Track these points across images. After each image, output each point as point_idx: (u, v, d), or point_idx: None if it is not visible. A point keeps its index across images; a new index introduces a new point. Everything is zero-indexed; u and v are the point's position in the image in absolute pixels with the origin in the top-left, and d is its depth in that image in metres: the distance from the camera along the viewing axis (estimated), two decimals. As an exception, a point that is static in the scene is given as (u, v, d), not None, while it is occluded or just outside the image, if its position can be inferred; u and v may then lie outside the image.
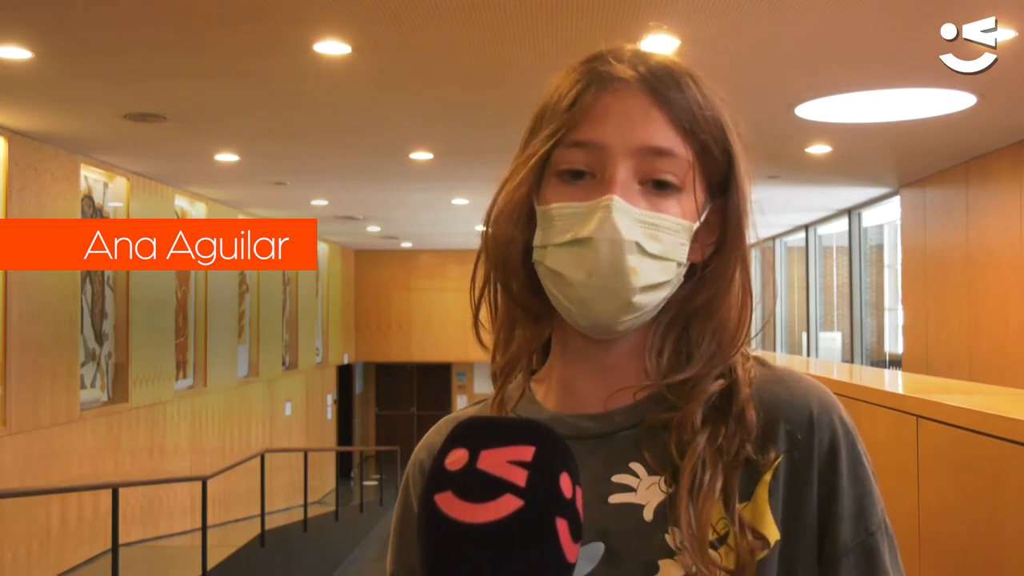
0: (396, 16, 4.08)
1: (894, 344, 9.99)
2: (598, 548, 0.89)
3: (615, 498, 0.90)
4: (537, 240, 0.92)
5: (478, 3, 3.93)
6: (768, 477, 0.89)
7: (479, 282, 0.99)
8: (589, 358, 0.95)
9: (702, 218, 0.93)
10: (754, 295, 0.95)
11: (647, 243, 0.88)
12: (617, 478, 0.91)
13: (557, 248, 0.89)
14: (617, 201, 0.87)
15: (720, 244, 0.94)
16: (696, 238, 0.92)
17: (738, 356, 0.94)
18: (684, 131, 0.90)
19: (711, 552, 0.85)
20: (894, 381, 3.19)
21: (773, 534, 0.88)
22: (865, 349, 10.19)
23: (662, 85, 0.90)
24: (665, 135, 0.89)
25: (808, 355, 11.47)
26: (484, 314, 1.01)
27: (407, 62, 4.83)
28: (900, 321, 9.22)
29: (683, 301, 0.94)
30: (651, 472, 0.90)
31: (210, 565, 6.95)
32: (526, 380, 0.99)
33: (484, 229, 0.95)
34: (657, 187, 0.89)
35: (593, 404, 0.95)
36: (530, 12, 4.04)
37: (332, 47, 4.50)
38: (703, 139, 0.91)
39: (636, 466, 0.91)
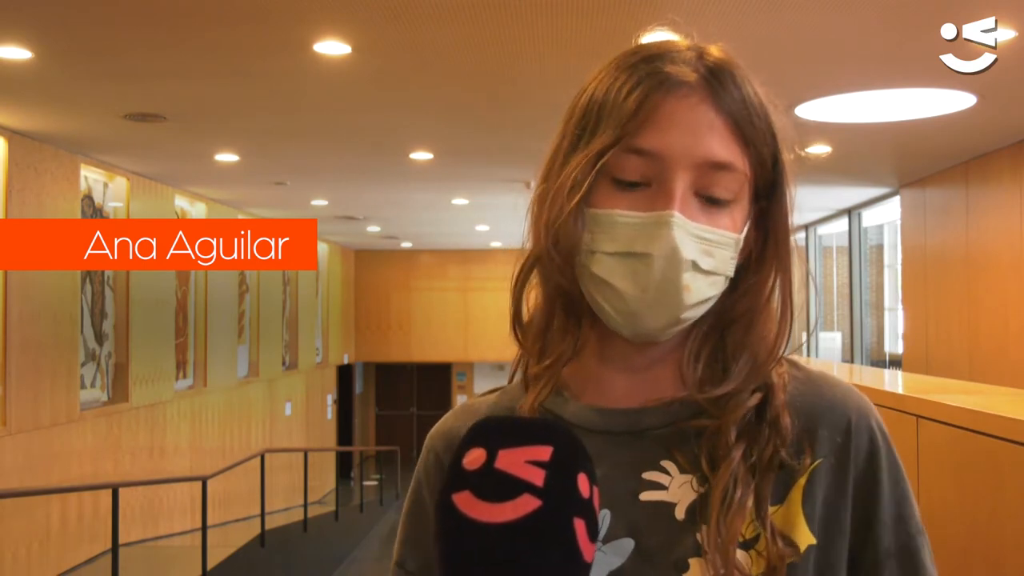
0: (396, 16, 4.08)
1: (894, 344, 9.99)
2: (628, 544, 0.88)
3: (646, 495, 0.89)
4: (585, 243, 0.88)
5: (478, 3, 3.93)
6: (803, 481, 0.89)
7: (518, 284, 0.96)
8: (626, 360, 0.94)
9: (747, 227, 0.91)
10: (795, 306, 0.93)
11: (702, 259, 0.87)
12: (648, 475, 0.90)
13: (608, 257, 0.87)
14: (678, 218, 0.85)
15: (761, 251, 0.93)
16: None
17: None
18: (744, 143, 0.88)
19: (742, 554, 0.85)
20: (894, 381, 3.20)
21: (806, 539, 0.87)
22: (865, 349, 10.19)
23: (724, 90, 0.88)
24: (727, 148, 0.87)
25: (808, 355, 11.47)
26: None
27: (407, 62, 4.83)
28: (900, 321, 9.22)
29: (723, 310, 0.92)
30: (683, 471, 0.90)
31: (210, 565, 6.95)
32: (558, 374, 0.97)
33: (544, 232, 0.90)
34: (711, 200, 0.88)
35: (624, 402, 0.93)
36: (530, 12, 4.04)
37: (332, 47, 4.50)
38: (761, 150, 0.89)
39: (668, 464, 0.90)
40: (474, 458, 0.79)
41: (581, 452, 0.81)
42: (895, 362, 9.74)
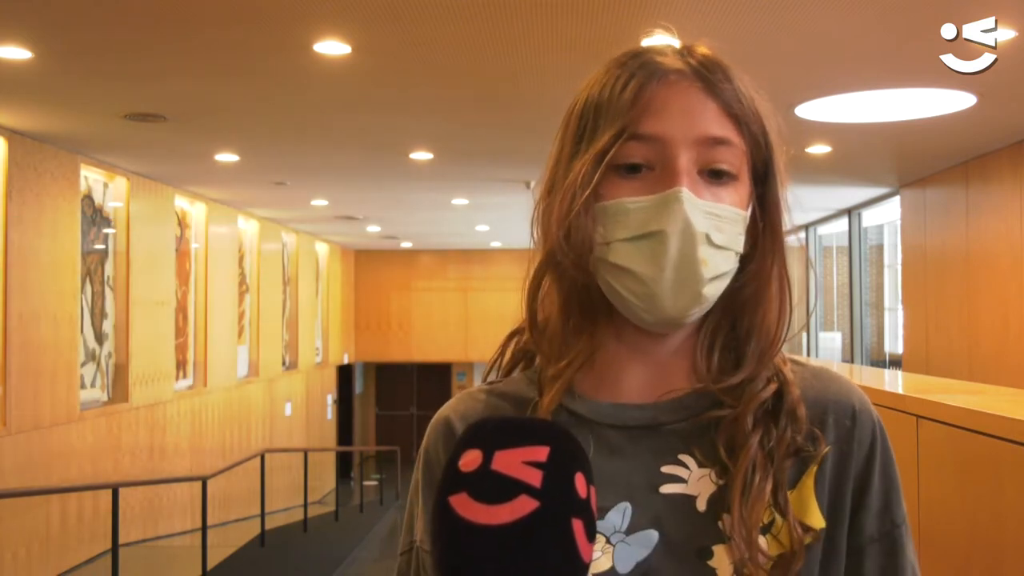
0: (396, 16, 4.08)
1: (894, 344, 9.98)
2: (652, 535, 0.89)
3: (666, 488, 0.90)
4: (599, 236, 0.89)
5: (478, 3, 3.93)
6: (815, 467, 0.91)
7: (532, 286, 0.96)
8: (642, 353, 0.94)
9: (750, 207, 0.93)
10: (793, 290, 0.96)
11: (713, 234, 0.88)
12: (667, 469, 0.91)
13: (623, 243, 0.88)
14: (686, 193, 0.87)
15: (758, 236, 0.95)
16: None
17: (779, 358, 0.95)
18: (737, 121, 0.91)
19: (760, 537, 0.87)
20: (894, 381, 3.20)
21: (818, 522, 0.90)
22: (865, 349, 10.19)
23: (713, 76, 0.91)
24: (723, 124, 0.90)
25: (808, 355, 11.46)
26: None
27: (407, 62, 4.83)
28: (900, 321, 9.21)
29: (729, 297, 0.93)
30: (700, 465, 0.91)
31: (210, 565, 6.96)
32: (573, 374, 0.95)
33: (556, 228, 0.90)
34: (714, 176, 0.89)
35: (639, 397, 0.94)
36: (530, 12, 4.04)
37: (332, 47, 4.50)
38: (753, 129, 0.92)
39: (686, 458, 0.91)
40: (470, 460, 0.79)
41: (578, 452, 0.81)
42: (895, 362, 9.73)
